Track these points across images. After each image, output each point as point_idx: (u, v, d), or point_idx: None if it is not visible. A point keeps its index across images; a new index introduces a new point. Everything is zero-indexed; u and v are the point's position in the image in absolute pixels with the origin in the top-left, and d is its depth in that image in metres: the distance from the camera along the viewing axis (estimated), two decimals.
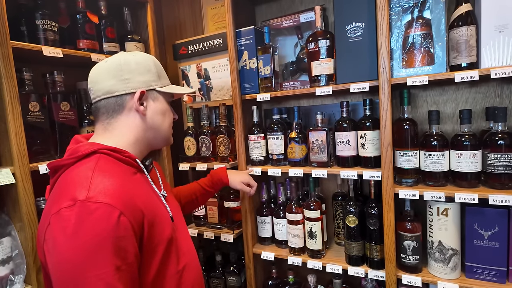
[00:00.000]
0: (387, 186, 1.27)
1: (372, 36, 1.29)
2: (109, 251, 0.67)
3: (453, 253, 1.24)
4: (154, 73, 0.90)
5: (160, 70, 0.93)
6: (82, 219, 0.66)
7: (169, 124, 0.96)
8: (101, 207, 0.68)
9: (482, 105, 1.35)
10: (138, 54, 0.91)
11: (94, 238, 0.66)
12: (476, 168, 1.18)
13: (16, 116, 1.16)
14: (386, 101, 1.24)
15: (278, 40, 1.72)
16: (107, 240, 0.67)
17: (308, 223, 1.50)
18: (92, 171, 0.75)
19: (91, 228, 0.66)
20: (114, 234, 0.68)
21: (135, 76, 0.86)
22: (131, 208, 0.73)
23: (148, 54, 0.95)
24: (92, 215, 0.67)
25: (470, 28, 1.15)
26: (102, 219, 0.67)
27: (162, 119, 0.92)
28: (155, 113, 0.90)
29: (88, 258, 0.65)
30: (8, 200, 1.23)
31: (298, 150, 1.52)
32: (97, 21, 1.53)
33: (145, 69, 0.88)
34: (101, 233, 0.66)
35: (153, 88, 0.89)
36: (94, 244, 0.66)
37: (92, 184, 0.71)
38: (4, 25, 1.13)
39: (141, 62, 0.88)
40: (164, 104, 0.93)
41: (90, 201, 0.68)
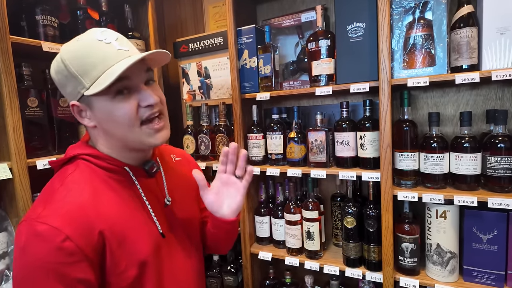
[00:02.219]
0: (386, 187, 1.26)
1: (373, 36, 1.29)
2: (49, 277, 0.63)
3: (451, 256, 1.23)
4: (71, 76, 0.68)
5: (80, 64, 0.68)
6: (28, 240, 0.64)
7: (126, 126, 0.71)
8: (47, 230, 0.63)
9: (483, 107, 1.35)
10: (56, 58, 0.71)
11: (35, 262, 0.63)
12: (476, 170, 1.17)
13: (14, 111, 1.16)
14: (386, 102, 1.23)
15: (279, 39, 1.72)
16: (47, 265, 0.63)
17: (306, 224, 1.49)
18: (60, 184, 0.71)
19: (34, 251, 0.63)
20: (56, 259, 0.63)
21: (63, 89, 0.73)
22: (85, 232, 0.66)
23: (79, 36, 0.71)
24: (36, 237, 0.64)
25: (471, 30, 1.14)
26: (45, 242, 0.63)
27: (112, 125, 0.72)
28: (102, 121, 0.72)
29: (28, 281, 0.63)
30: (5, 195, 1.23)
31: (297, 150, 1.52)
32: (97, 18, 1.52)
33: (63, 77, 0.70)
34: (42, 258, 0.63)
35: (82, 94, 0.69)
36: (35, 268, 0.63)
37: (51, 202, 0.68)
38: (4, 19, 1.13)
39: (57, 71, 0.71)
40: (105, 105, 0.70)
41: (38, 221, 0.64)
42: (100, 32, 0.71)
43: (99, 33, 0.70)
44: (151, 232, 0.77)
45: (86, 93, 0.68)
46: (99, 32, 0.71)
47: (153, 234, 0.77)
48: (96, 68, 0.67)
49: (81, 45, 0.69)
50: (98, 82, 0.67)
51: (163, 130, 0.76)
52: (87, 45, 0.69)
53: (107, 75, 0.66)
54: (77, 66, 0.68)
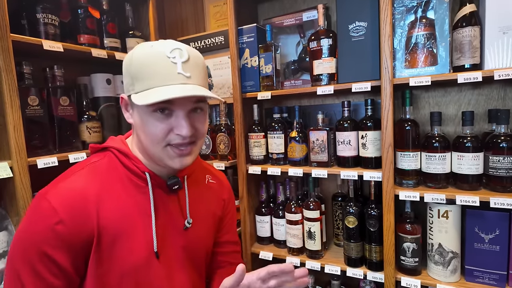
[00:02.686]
0: (388, 187, 1.26)
1: (375, 35, 1.28)
2: (33, 250, 0.67)
3: (453, 256, 1.23)
4: (129, 74, 0.72)
5: (139, 68, 0.69)
6: (28, 212, 0.70)
7: (151, 141, 0.71)
8: (46, 208, 0.68)
9: (485, 107, 1.34)
10: (132, 51, 0.74)
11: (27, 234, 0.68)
12: (478, 170, 1.17)
13: (15, 109, 1.15)
14: (388, 101, 1.23)
15: (280, 38, 1.71)
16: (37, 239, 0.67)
17: (307, 223, 1.49)
18: (81, 168, 0.76)
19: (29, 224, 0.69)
20: (44, 239, 0.67)
21: (123, 78, 0.76)
22: (80, 222, 0.68)
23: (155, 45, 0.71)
24: (36, 210, 0.69)
25: (474, 29, 1.14)
26: (40, 219, 0.68)
27: (142, 134, 0.73)
28: (137, 124, 0.74)
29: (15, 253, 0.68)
30: (5, 194, 1.22)
31: (298, 150, 1.51)
32: (98, 16, 1.52)
33: (126, 70, 0.73)
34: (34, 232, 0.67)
35: (129, 94, 0.73)
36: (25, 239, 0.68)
37: (65, 181, 0.73)
38: (4, 17, 1.12)
39: (125, 61, 0.74)
40: (142, 114, 0.71)
41: (44, 197, 0.69)
42: (172, 49, 0.70)
43: (170, 49, 0.70)
44: (144, 248, 0.75)
45: (132, 97, 0.70)
46: (172, 47, 0.70)
47: (145, 251, 0.75)
48: (149, 80, 0.69)
49: (151, 53, 0.70)
50: (144, 94, 0.68)
51: (187, 156, 0.74)
52: (155, 55, 0.69)
53: (154, 93, 0.67)
54: (137, 69, 0.70)
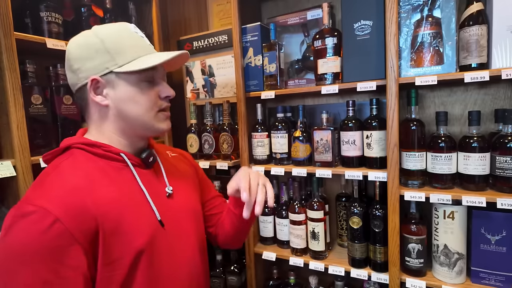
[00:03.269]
0: (393, 187, 1.24)
1: (381, 34, 1.27)
2: (36, 261, 0.59)
3: (459, 257, 1.21)
4: (106, 51, 0.72)
5: (118, 43, 0.73)
6: (13, 223, 0.61)
7: (144, 110, 0.76)
8: (35, 211, 0.61)
9: (491, 107, 1.33)
10: (89, 32, 0.74)
11: (21, 246, 0.59)
12: (484, 171, 1.15)
13: (18, 108, 1.15)
14: (394, 100, 1.21)
15: (284, 37, 1.70)
16: (35, 248, 0.59)
17: (311, 224, 1.48)
18: (53, 170, 0.71)
19: (20, 234, 0.60)
20: (44, 242, 0.60)
21: (83, 63, 0.73)
22: (77, 215, 0.64)
23: (118, 23, 0.77)
24: (23, 218, 0.61)
25: (481, 28, 1.13)
26: (32, 224, 0.60)
27: (131, 106, 0.75)
28: (120, 101, 0.74)
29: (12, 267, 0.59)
30: (9, 193, 1.22)
31: (302, 149, 1.50)
32: (101, 15, 1.51)
33: (93, 50, 0.72)
34: (30, 241, 0.59)
35: (110, 71, 0.72)
36: (21, 252, 0.59)
37: (42, 186, 0.67)
38: (8, 16, 1.12)
39: (82, 43, 0.73)
40: (129, 87, 0.74)
41: (27, 203, 0.63)
42: (133, 26, 0.79)
43: (132, 26, 0.78)
44: (149, 220, 0.76)
45: (118, 69, 0.72)
46: (132, 25, 0.79)
47: (151, 223, 0.76)
48: (130, 52, 0.74)
49: (118, 29, 0.76)
50: (133, 64, 0.73)
51: (168, 118, 0.83)
52: (123, 30, 0.76)
53: (142, 60, 0.73)
54: (113, 44, 0.73)
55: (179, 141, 1.97)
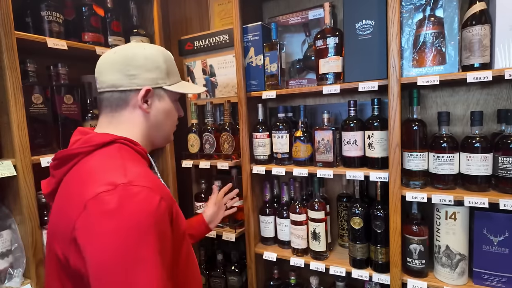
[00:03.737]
0: (394, 188, 1.24)
1: (382, 34, 1.26)
2: (152, 234, 0.65)
3: (461, 258, 1.21)
4: (163, 69, 0.85)
5: (171, 66, 0.89)
6: (125, 202, 0.64)
7: (171, 123, 0.93)
8: (143, 191, 0.67)
9: (494, 107, 1.32)
10: (149, 47, 0.86)
11: (138, 221, 0.64)
12: (487, 171, 1.15)
13: (19, 107, 1.15)
14: (396, 100, 1.21)
15: (285, 37, 1.70)
16: (151, 223, 0.65)
17: (312, 224, 1.47)
18: (121, 158, 0.74)
19: (135, 211, 0.65)
20: (157, 217, 0.67)
21: (142, 73, 0.82)
22: (165, 194, 0.73)
23: (160, 47, 0.90)
24: (135, 197, 0.66)
25: (484, 27, 1.12)
26: (145, 202, 0.66)
27: (165, 118, 0.89)
28: (159, 112, 0.87)
29: (133, 241, 0.63)
30: (9, 192, 1.21)
31: (303, 149, 1.50)
32: (102, 14, 1.51)
33: (154, 65, 0.84)
34: (145, 216, 0.65)
35: (160, 86, 0.85)
36: (139, 226, 0.64)
37: (127, 170, 0.70)
38: (9, 15, 1.12)
39: (150, 57, 0.83)
40: (169, 103, 0.89)
41: (132, 185, 0.67)
42: (170, 54, 0.92)
43: (170, 54, 0.92)
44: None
45: (167, 87, 0.86)
46: (169, 53, 0.92)
47: None
48: (176, 76, 0.92)
49: (168, 54, 0.90)
50: (178, 86, 0.90)
51: None
52: (170, 57, 0.91)
53: (185, 86, 0.93)
54: (168, 66, 0.88)
55: (180, 141, 1.96)
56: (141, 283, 0.62)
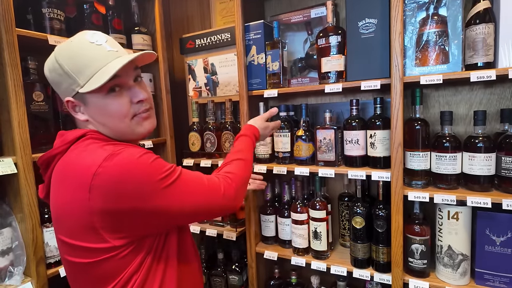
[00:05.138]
0: (397, 187, 1.23)
1: (385, 32, 1.26)
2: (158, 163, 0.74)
3: (463, 258, 1.20)
4: (68, 73, 0.74)
5: (75, 64, 0.74)
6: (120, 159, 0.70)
7: (119, 119, 0.79)
8: (144, 153, 0.74)
9: (497, 106, 1.31)
10: (50, 57, 0.78)
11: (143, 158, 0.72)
12: (490, 171, 1.14)
13: (19, 105, 1.14)
14: (398, 100, 1.20)
15: (287, 35, 1.69)
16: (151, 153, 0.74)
17: (313, 223, 1.46)
18: (95, 143, 0.76)
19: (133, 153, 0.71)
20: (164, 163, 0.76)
21: (57, 87, 0.79)
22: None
23: (74, 38, 0.78)
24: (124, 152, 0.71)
25: (488, 26, 1.11)
26: (135, 150, 0.73)
27: (106, 119, 0.79)
28: (95, 115, 0.79)
29: (156, 164, 0.73)
30: (10, 190, 1.21)
31: (305, 149, 1.49)
32: (104, 12, 1.51)
33: (58, 75, 0.76)
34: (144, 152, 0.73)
35: (77, 92, 0.76)
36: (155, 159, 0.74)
37: (105, 148, 0.73)
38: (10, 12, 1.11)
39: (52, 68, 0.77)
40: (99, 101, 0.77)
41: (115, 151, 0.71)
42: (91, 35, 0.78)
43: (90, 36, 0.77)
44: None
45: (81, 90, 0.75)
46: (89, 34, 0.78)
47: None
48: (89, 67, 0.74)
49: (74, 46, 0.76)
50: (92, 81, 0.74)
51: (150, 118, 0.86)
52: (79, 46, 0.76)
53: (100, 74, 0.74)
54: (71, 65, 0.74)
55: (181, 139, 1.96)
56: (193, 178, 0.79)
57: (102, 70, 0.74)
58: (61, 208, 0.75)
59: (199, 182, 0.80)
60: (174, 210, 0.75)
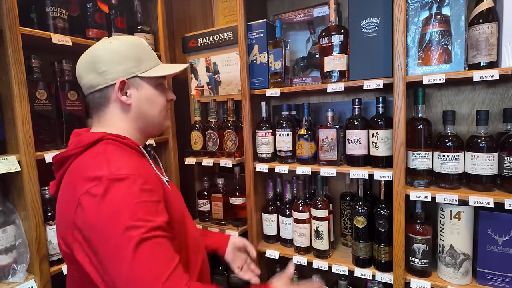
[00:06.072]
0: (399, 187, 1.23)
1: (388, 32, 1.25)
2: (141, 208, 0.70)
3: (465, 258, 1.20)
4: (133, 58, 0.84)
5: (142, 53, 0.86)
6: (111, 186, 0.69)
7: (159, 110, 0.90)
8: (127, 177, 0.71)
9: (499, 106, 1.31)
10: (115, 40, 0.85)
11: (126, 196, 0.69)
12: (492, 171, 1.14)
13: (23, 103, 1.15)
14: (401, 99, 1.20)
15: (290, 35, 1.69)
16: (140, 198, 0.70)
17: (314, 223, 1.47)
18: (105, 154, 0.76)
19: (123, 189, 0.69)
20: (144, 195, 0.71)
21: (113, 66, 0.82)
22: (155, 182, 0.78)
23: (133, 36, 0.88)
24: (120, 182, 0.70)
25: (491, 26, 1.11)
26: (131, 184, 0.71)
27: (149, 106, 0.88)
28: (141, 101, 0.86)
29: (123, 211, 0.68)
30: (13, 188, 1.22)
31: (306, 148, 1.49)
32: (107, 10, 1.51)
33: (122, 56, 0.83)
34: (132, 193, 0.70)
35: (135, 75, 0.84)
36: (128, 201, 0.69)
37: (111, 162, 0.73)
38: (13, 11, 1.12)
39: (116, 50, 0.83)
40: (150, 90, 0.87)
41: (114, 174, 0.70)
42: (142, 40, 0.92)
43: (142, 40, 0.91)
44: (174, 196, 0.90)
45: (142, 74, 0.85)
46: (141, 39, 0.92)
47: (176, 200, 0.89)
48: (151, 61, 0.88)
49: (138, 40, 0.89)
50: (154, 70, 0.87)
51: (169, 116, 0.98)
52: (142, 42, 0.89)
53: (159, 69, 0.89)
54: (138, 52, 0.86)
55: (183, 138, 1.97)
56: (144, 250, 0.68)
57: (158, 67, 0.89)
58: (59, 210, 0.79)
59: (162, 265, 0.68)
60: (116, 273, 0.67)
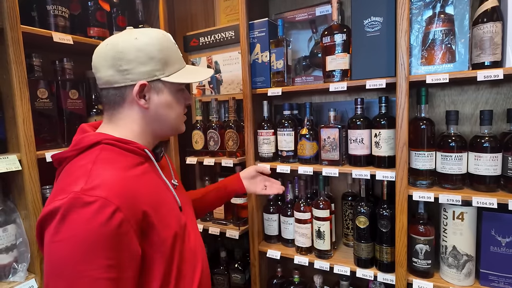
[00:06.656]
0: (401, 187, 1.22)
1: (391, 31, 1.24)
2: (98, 248, 0.62)
3: (468, 259, 1.19)
4: (158, 60, 0.78)
5: (169, 54, 0.81)
6: (70, 211, 0.62)
7: (176, 115, 0.86)
8: (96, 201, 0.63)
9: (503, 106, 1.30)
10: (142, 36, 0.78)
11: (84, 233, 0.62)
12: (496, 171, 1.13)
13: (24, 102, 1.15)
14: (404, 99, 1.19)
15: (292, 34, 1.68)
16: (97, 236, 0.62)
17: (316, 223, 1.46)
18: (92, 163, 0.71)
19: (81, 222, 0.62)
20: (107, 230, 0.63)
21: (135, 67, 0.77)
22: (130, 204, 0.69)
23: (160, 31, 0.82)
24: (83, 208, 0.63)
25: (495, 25, 1.10)
26: (94, 214, 0.63)
27: (168, 111, 0.84)
28: (159, 106, 0.82)
29: (75, 253, 0.62)
30: (14, 187, 1.21)
31: (308, 147, 1.48)
32: (108, 9, 1.51)
33: (148, 57, 0.77)
34: (92, 228, 0.62)
35: (158, 78, 0.80)
36: (84, 239, 0.62)
37: (91, 177, 0.67)
38: (15, 9, 1.11)
39: (142, 49, 0.77)
40: (169, 96, 0.83)
41: (85, 194, 0.64)
42: (169, 36, 0.84)
43: (169, 36, 0.84)
44: (175, 206, 0.85)
45: (165, 78, 0.80)
46: (168, 35, 0.84)
47: (176, 208, 0.85)
48: (176, 64, 0.84)
49: (167, 39, 0.82)
50: (179, 75, 0.83)
51: None
52: (170, 41, 0.83)
53: (183, 73, 0.85)
54: (165, 55, 0.80)
55: (184, 137, 1.96)
56: None
57: (182, 70, 0.85)
58: None
59: None
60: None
